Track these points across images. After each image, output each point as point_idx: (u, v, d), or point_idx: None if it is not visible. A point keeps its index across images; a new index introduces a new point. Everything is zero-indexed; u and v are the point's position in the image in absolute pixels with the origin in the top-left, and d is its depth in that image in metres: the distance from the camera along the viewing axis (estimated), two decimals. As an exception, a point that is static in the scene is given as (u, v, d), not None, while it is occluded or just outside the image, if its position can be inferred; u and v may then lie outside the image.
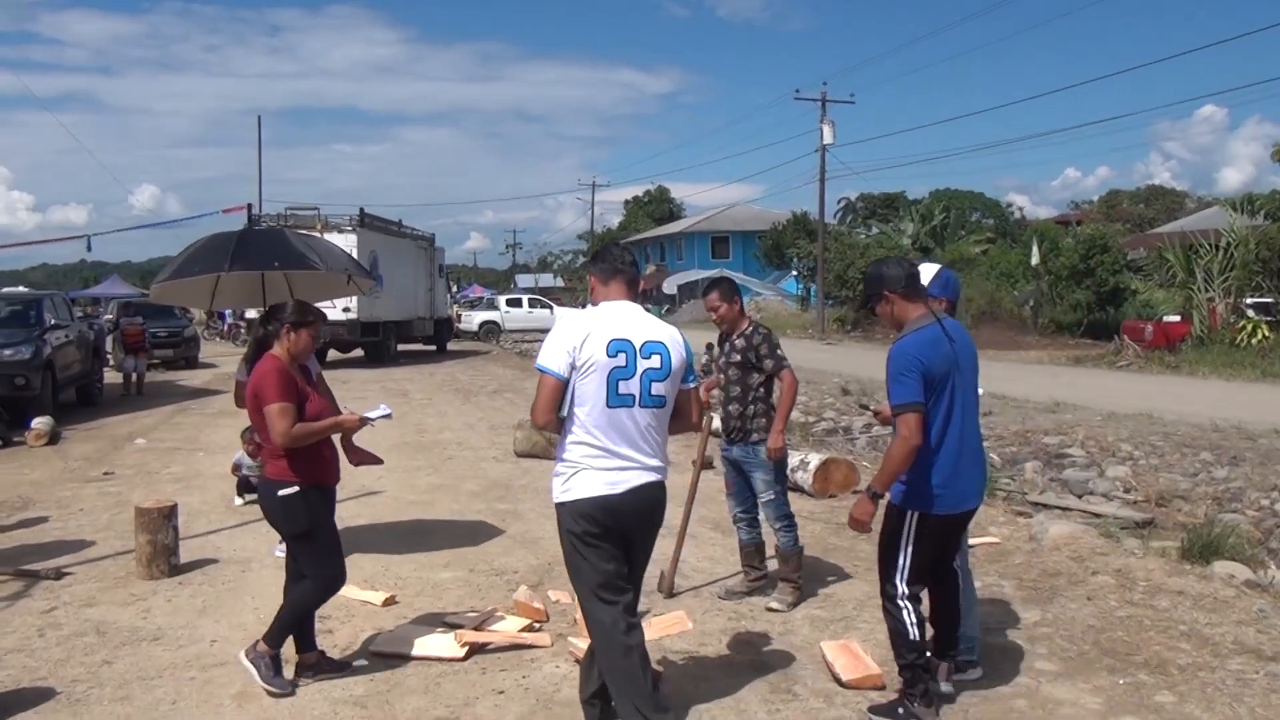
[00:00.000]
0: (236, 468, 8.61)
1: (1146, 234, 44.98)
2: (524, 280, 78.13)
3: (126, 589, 6.02)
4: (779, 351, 5.74)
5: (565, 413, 3.68)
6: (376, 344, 24.13)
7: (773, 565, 5.92)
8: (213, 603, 5.76)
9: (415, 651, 4.89)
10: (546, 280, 78.17)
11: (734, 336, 5.81)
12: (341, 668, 4.64)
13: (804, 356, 25.55)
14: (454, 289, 55.02)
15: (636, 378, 3.66)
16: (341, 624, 5.34)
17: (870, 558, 6.65)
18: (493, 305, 45.44)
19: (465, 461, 10.52)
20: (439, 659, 4.80)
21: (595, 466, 3.66)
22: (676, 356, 3.78)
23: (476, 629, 5.08)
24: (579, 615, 5.18)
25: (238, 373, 5.93)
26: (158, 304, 28.51)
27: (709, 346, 24.55)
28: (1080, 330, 32.82)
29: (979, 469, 4.20)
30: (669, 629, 5.03)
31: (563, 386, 3.65)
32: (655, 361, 3.71)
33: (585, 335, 3.65)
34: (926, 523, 4.03)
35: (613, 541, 3.72)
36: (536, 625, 5.19)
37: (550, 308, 43.30)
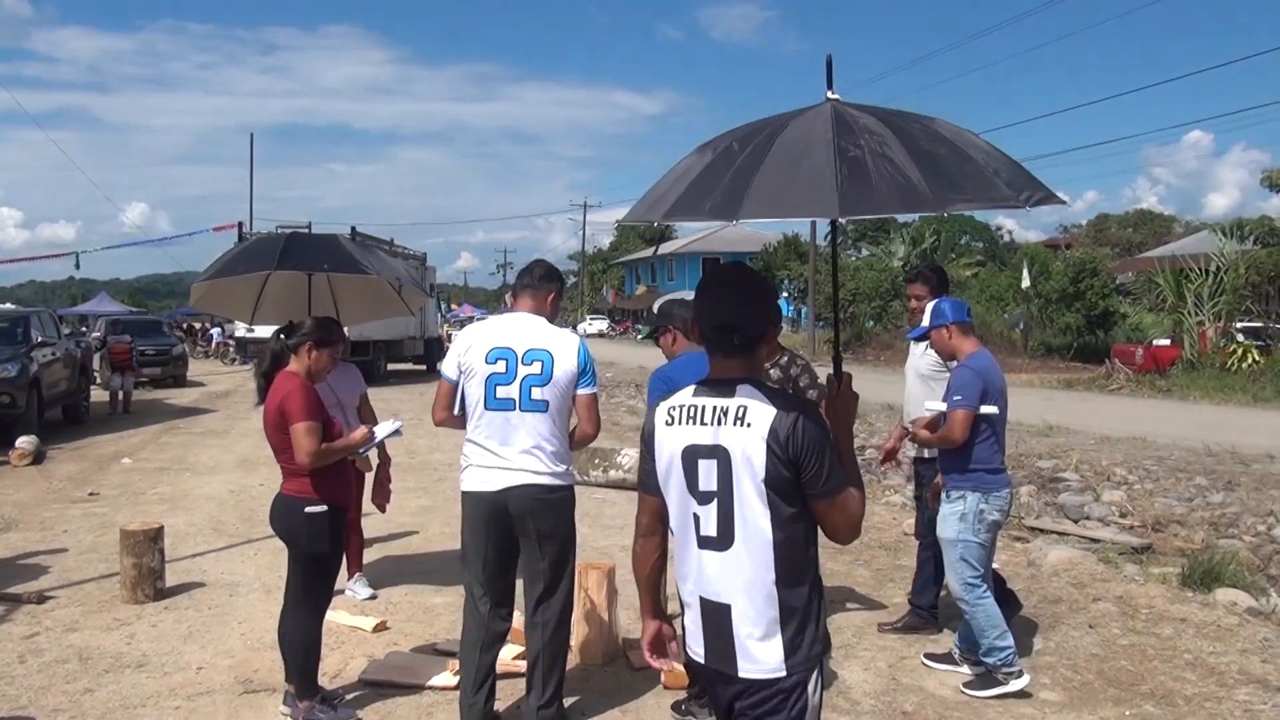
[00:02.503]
0: None
1: (1135, 258, 45.18)
2: (514, 300, 77.99)
3: (110, 613, 5.90)
4: (820, 381, 5.63)
5: (458, 412, 4.16)
6: (366, 363, 23.94)
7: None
8: (199, 628, 5.64)
9: (408, 680, 4.78)
10: (537, 300, 78.08)
11: (768, 366, 5.62)
12: (331, 700, 4.49)
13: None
14: (445, 309, 54.93)
15: (516, 383, 3.97)
16: (331, 650, 5.21)
17: (868, 583, 6.60)
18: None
19: (456, 483, 10.38)
20: (432, 687, 4.70)
21: (477, 464, 4.08)
22: (563, 363, 4.01)
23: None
24: (574, 639, 5.09)
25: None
26: (144, 319, 28.57)
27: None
28: (1070, 354, 32.86)
29: None
30: (677, 652, 4.91)
31: (453, 389, 4.13)
32: (536, 368, 3.99)
33: (469, 345, 4.08)
34: None
35: (495, 536, 4.08)
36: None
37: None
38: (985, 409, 4.61)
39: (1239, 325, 26.70)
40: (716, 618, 2.43)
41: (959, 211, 2.56)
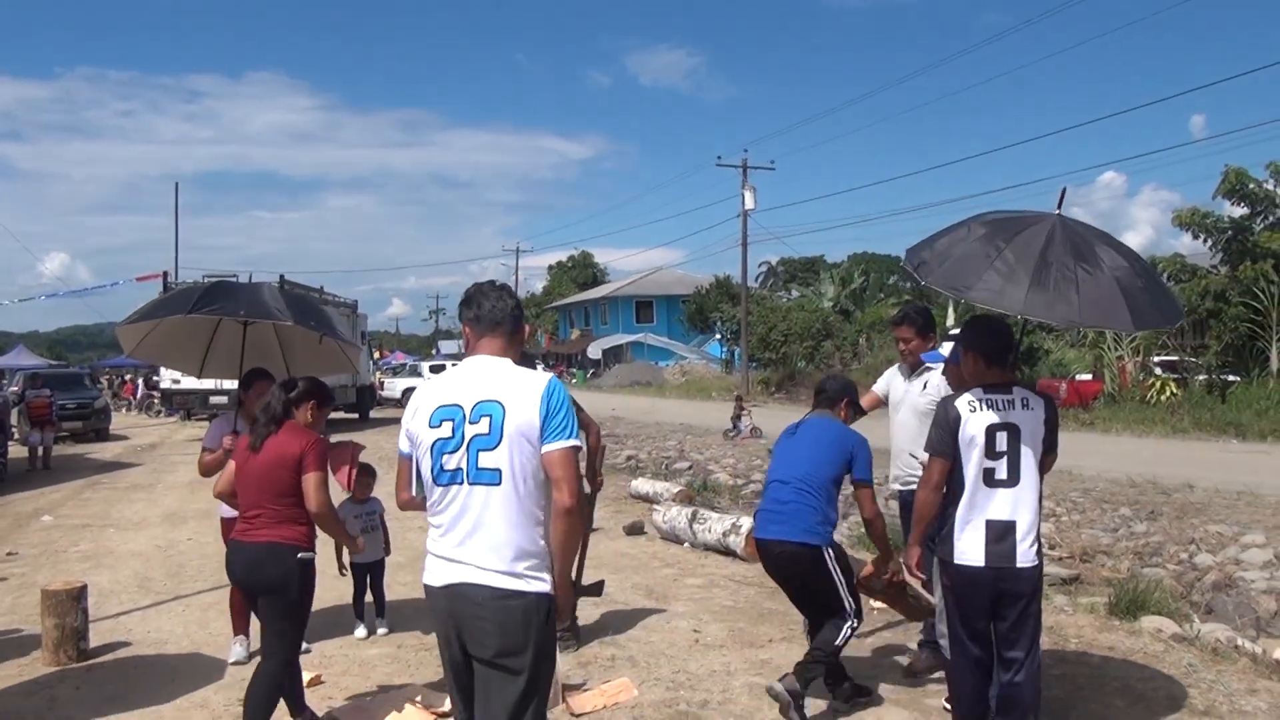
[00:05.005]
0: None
1: (1056, 295, 46.25)
2: (447, 346, 77.46)
3: (31, 677, 5.69)
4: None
5: (417, 492, 3.21)
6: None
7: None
8: (125, 690, 5.47)
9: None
10: (470, 346, 77.46)
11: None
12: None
13: (730, 419, 25.59)
14: (376, 356, 54.28)
15: (463, 449, 3.02)
16: (263, 707, 5.10)
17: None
18: (415, 372, 44.93)
19: (390, 532, 10.23)
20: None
21: (431, 552, 3.13)
22: (516, 416, 2.99)
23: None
24: None
25: (211, 440, 5.77)
26: (64, 372, 27.72)
27: (738, 399, 24.50)
28: (997, 389, 33.47)
29: (770, 510, 5.00)
30: (615, 697, 4.92)
31: (409, 465, 3.21)
32: (484, 426, 3.01)
33: (416, 408, 3.16)
34: None
35: (448, 641, 3.10)
36: None
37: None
38: None
39: (1156, 359, 27.53)
40: (1001, 531, 3.92)
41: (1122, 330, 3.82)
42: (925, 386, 5.41)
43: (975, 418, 3.96)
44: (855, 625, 4.82)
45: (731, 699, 5.15)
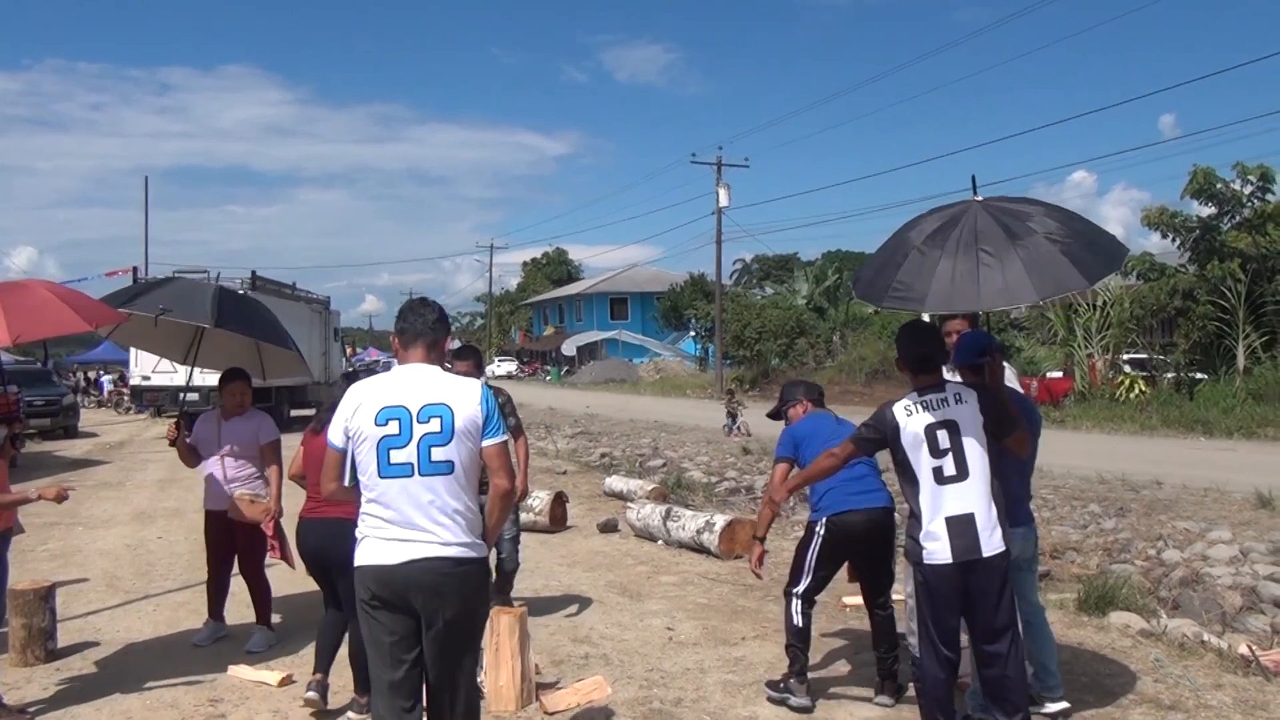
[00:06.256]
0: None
1: (1027, 293, 46.50)
2: (421, 343, 77.08)
3: (-3, 677, 5.63)
4: (517, 413, 6.47)
5: (349, 482, 3.63)
6: (269, 409, 23.38)
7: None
8: (93, 689, 5.42)
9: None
10: (444, 343, 77.18)
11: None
12: None
13: (704, 416, 25.71)
14: (349, 353, 54.01)
15: (413, 445, 3.48)
16: (235, 707, 5.08)
17: (779, 618, 6.65)
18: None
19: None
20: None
21: (375, 536, 3.53)
22: (463, 415, 3.52)
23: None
24: (487, 686, 5.03)
25: (194, 435, 6.29)
26: (31, 368, 27.31)
27: (730, 393, 24.59)
28: (969, 387, 33.65)
29: (853, 484, 5.25)
30: (589, 695, 4.92)
31: (341, 458, 3.61)
32: (435, 425, 3.50)
33: (356, 406, 3.56)
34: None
35: (398, 614, 3.51)
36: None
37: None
38: None
39: (1125, 357, 27.79)
40: (962, 525, 3.97)
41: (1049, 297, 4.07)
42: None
43: (912, 420, 4.09)
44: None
45: (705, 696, 5.16)
